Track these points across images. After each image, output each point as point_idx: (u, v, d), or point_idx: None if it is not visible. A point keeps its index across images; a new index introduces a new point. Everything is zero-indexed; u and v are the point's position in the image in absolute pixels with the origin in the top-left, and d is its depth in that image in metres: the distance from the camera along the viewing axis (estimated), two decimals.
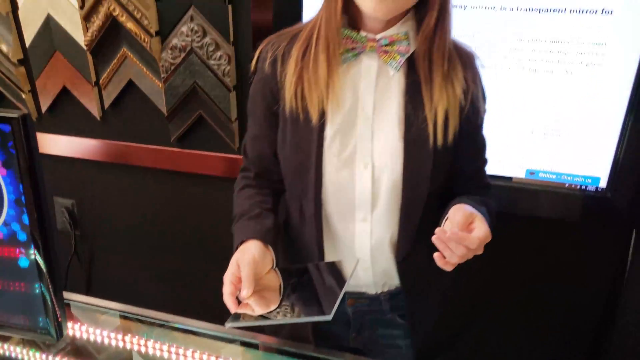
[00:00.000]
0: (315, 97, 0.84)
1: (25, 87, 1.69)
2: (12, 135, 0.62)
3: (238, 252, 0.84)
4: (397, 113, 0.86)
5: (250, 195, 0.97)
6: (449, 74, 0.83)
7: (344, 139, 0.87)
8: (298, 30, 0.90)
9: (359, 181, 0.88)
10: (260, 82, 0.92)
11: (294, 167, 0.91)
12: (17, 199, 0.66)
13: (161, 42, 1.48)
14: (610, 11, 1.13)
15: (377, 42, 0.83)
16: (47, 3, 1.54)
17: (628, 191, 1.25)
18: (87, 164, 1.78)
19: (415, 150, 0.85)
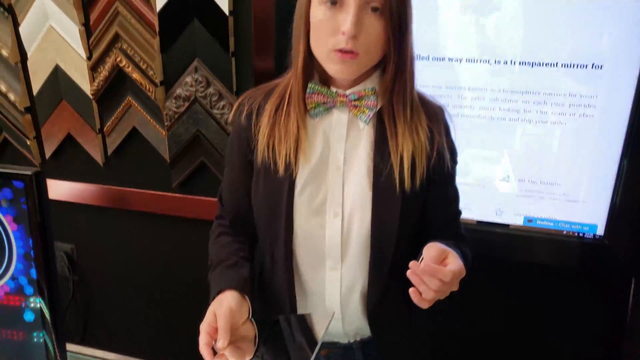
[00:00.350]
0: (283, 150, 0.88)
1: (30, 133, 1.72)
2: (24, 192, 0.63)
3: (215, 302, 0.86)
4: (366, 164, 0.89)
5: (226, 242, 1.00)
6: (413, 122, 0.88)
7: (314, 188, 0.90)
8: (274, 86, 0.96)
9: (328, 230, 0.90)
10: (237, 132, 0.96)
11: (265, 216, 0.94)
12: (26, 252, 0.67)
13: (165, 92, 1.52)
14: (600, 66, 1.18)
15: (347, 98, 0.88)
16: (55, 54, 1.59)
17: (626, 239, 1.27)
18: (88, 209, 1.79)
19: (383, 199, 0.88)
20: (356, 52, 0.80)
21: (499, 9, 1.21)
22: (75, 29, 1.53)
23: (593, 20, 1.16)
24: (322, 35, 0.81)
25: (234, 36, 1.42)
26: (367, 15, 0.79)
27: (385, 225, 0.88)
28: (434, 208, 0.94)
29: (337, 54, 0.80)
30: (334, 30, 0.80)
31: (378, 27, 0.79)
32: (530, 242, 1.34)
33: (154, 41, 1.47)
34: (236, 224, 1.02)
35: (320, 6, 0.81)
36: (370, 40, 0.80)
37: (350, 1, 0.78)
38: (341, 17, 0.79)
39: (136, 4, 1.45)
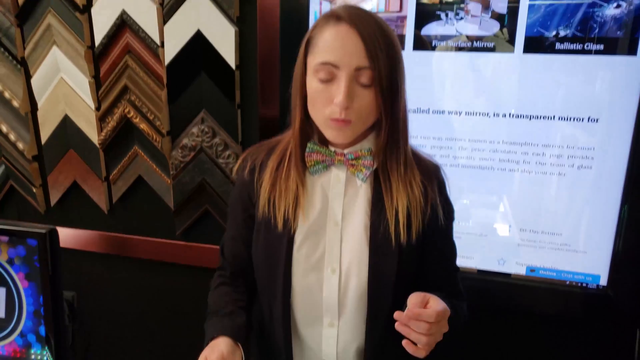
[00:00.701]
0: (283, 206, 0.91)
1: (36, 181, 1.75)
2: (37, 249, 0.65)
3: (207, 348, 0.86)
4: (363, 220, 0.91)
5: (225, 292, 1.01)
6: (407, 177, 0.91)
7: (313, 244, 0.92)
8: (276, 142, 0.99)
9: (326, 286, 0.91)
10: (240, 187, 1.00)
11: (264, 270, 0.95)
12: (36, 310, 0.68)
13: (172, 142, 1.56)
14: (595, 119, 1.22)
15: (345, 157, 0.91)
16: (65, 104, 1.63)
17: (630, 289, 1.27)
18: (91, 256, 1.79)
19: (380, 254, 0.89)
20: (349, 120, 0.84)
21: (496, 65, 1.25)
22: (86, 80, 1.58)
23: (588, 75, 1.20)
24: (317, 104, 0.86)
25: (240, 89, 1.46)
26: (358, 86, 0.83)
27: (382, 281, 0.89)
28: (430, 264, 0.96)
29: (332, 122, 0.85)
30: (328, 100, 0.84)
31: (368, 97, 0.84)
32: (532, 291, 1.34)
33: (162, 93, 1.51)
34: (237, 275, 1.04)
35: (314, 78, 0.85)
36: (362, 109, 0.84)
37: (341, 74, 0.82)
38: (334, 89, 0.83)
39: (145, 57, 1.50)
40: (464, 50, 1.26)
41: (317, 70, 0.84)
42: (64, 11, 1.52)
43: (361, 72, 0.82)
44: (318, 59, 0.84)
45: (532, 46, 1.21)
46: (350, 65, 0.81)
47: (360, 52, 0.81)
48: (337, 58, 0.82)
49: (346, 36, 0.81)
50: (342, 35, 0.82)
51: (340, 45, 0.81)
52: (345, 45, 0.81)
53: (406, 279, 0.92)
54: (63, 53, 1.57)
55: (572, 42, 1.19)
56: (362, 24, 0.81)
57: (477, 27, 1.23)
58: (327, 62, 0.82)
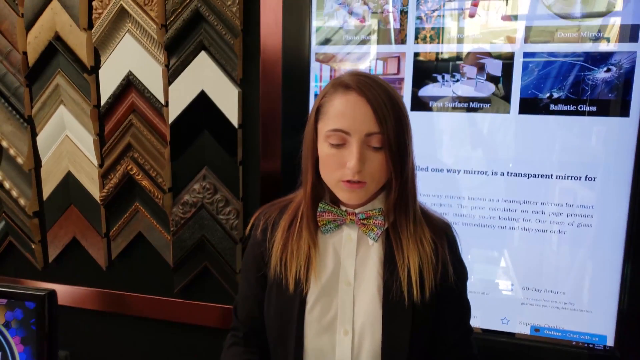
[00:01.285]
0: (294, 266, 0.92)
1: (36, 237, 1.74)
2: (35, 313, 0.64)
3: None
4: (376, 280, 0.91)
5: (237, 352, 1.00)
6: (417, 234, 0.91)
7: (325, 304, 0.91)
8: (288, 201, 1.01)
9: (339, 348, 0.90)
10: (253, 246, 1.00)
11: (276, 331, 0.94)
12: None
13: (173, 198, 1.57)
14: (593, 178, 1.23)
15: (356, 216, 0.93)
16: (68, 161, 1.65)
17: (638, 350, 1.24)
18: (88, 314, 1.76)
19: (393, 315, 0.88)
20: (363, 182, 0.87)
21: (493, 125, 1.28)
22: (90, 138, 1.60)
23: (583, 135, 1.23)
24: (329, 168, 0.88)
25: (242, 147, 1.49)
26: (369, 150, 0.86)
27: (396, 342, 0.88)
28: (444, 325, 0.94)
29: (345, 184, 0.87)
30: (339, 165, 0.87)
31: (379, 160, 0.87)
32: (538, 352, 1.31)
33: (165, 150, 1.54)
34: (250, 336, 1.02)
35: (326, 143, 0.88)
36: (374, 171, 0.87)
37: (353, 140, 0.85)
38: (346, 153, 0.86)
39: (150, 116, 1.53)
40: (460, 111, 1.29)
41: (329, 136, 0.87)
42: (72, 72, 1.57)
43: (371, 137, 0.85)
44: (329, 126, 0.87)
45: (527, 107, 1.24)
46: (361, 131, 0.84)
47: (370, 118, 0.84)
48: (348, 125, 0.85)
49: (356, 104, 0.85)
50: (352, 104, 0.85)
51: (351, 113, 0.85)
52: (355, 113, 0.85)
53: (421, 339, 0.90)
54: (69, 112, 1.61)
55: (565, 104, 1.22)
56: (370, 91, 0.85)
57: (473, 89, 1.27)
58: (339, 130, 0.85)
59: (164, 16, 1.46)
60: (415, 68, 1.30)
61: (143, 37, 1.49)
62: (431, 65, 1.29)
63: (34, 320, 0.64)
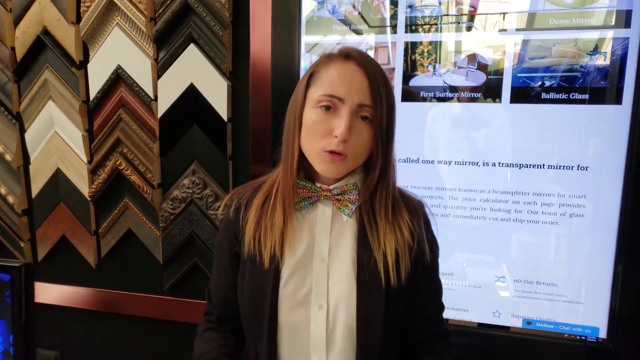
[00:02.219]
0: (269, 242, 0.91)
1: (25, 236, 1.72)
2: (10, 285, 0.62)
3: None
4: (350, 256, 0.91)
5: (211, 338, 1.00)
6: (395, 219, 0.91)
7: (299, 280, 0.90)
8: (261, 182, 1.00)
9: (313, 322, 0.89)
10: (225, 226, 0.99)
11: (250, 308, 0.93)
12: (6, 350, 0.65)
13: (162, 194, 1.55)
14: (585, 167, 1.22)
15: (330, 192, 0.92)
16: (57, 158, 1.63)
17: (631, 342, 1.22)
18: (77, 313, 1.73)
19: (367, 292, 0.88)
20: (345, 155, 0.86)
21: (484, 115, 1.27)
22: (79, 134, 1.59)
23: (575, 124, 1.21)
24: (314, 136, 0.87)
25: (231, 141, 1.47)
26: (358, 122, 0.86)
27: (370, 319, 0.87)
28: (418, 302, 0.95)
29: (327, 155, 0.86)
30: (326, 132, 0.85)
31: (366, 134, 0.87)
32: (530, 345, 1.29)
33: (154, 145, 1.52)
34: (224, 320, 1.02)
35: (314, 109, 0.87)
36: (358, 145, 0.86)
37: (344, 108, 0.84)
38: (335, 121, 0.85)
39: (139, 111, 1.52)
40: (451, 101, 1.28)
41: (320, 101, 0.86)
42: (61, 67, 1.56)
43: (362, 110, 0.85)
44: (322, 91, 0.86)
45: (518, 96, 1.23)
46: (354, 100, 0.84)
47: (365, 90, 0.85)
48: (344, 92, 0.85)
49: (354, 73, 0.85)
50: (350, 72, 0.86)
51: (348, 81, 0.85)
52: (352, 82, 0.85)
53: (396, 317, 0.91)
54: (58, 107, 1.59)
55: (557, 92, 1.21)
56: (368, 64, 0.86)
57: (464, 78, 1.26)
58: (333, 95, 0.85)
59: (152, 8, 1.45)
60: (405, 58, 1.29)
61: (132, 30, 1.47)
62: (422, 56, 1.28)
63: (8, 292, 0.63)
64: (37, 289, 1.74)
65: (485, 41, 1.24)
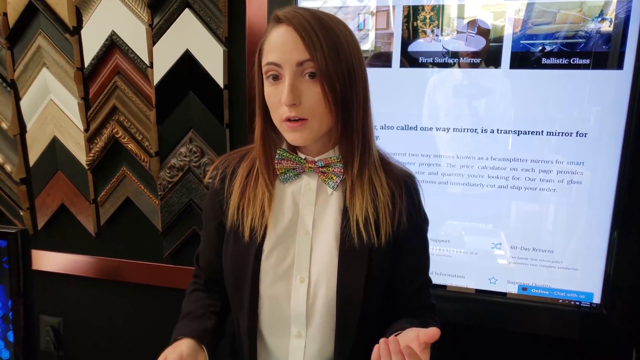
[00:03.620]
0: (250, 214, 0.90)
1: (24, 204, 1.72)
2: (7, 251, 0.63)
3: (169, 348, 0.86)
4: (334, 229, 0.90)
5: (198, 298, 1.00)
6: (371, 182, 0.89)
7: (282, 252, 0.90)
8: (247, 150, 0.99)
9: (294, 296, 0.89)
10: (211, 195, 0.99)
11: (232, 280, 0.93)
12: (5, 315, 0.65)
13: (160, 162, 1.54)
14: (584, 134, 1.21)
15: (315, 164, 0.90)
16: (54, 126, 1.62)
17: (624, 307, 1.24)
18: (78, 280, 1.75)
19: (349, 264, 0.87)
20: (304, 118, 0.83)
21: (483, 81, 1.26)
22: (75, 102, 1.57)
23: (575, 90, 1.20)
24: (271, 107, 0.86)
25: (228, 108, 1.46)
26: (305, 82, 0.82)
27: (351, 290, 0.87)
28: (401, 276, 0.94)
29: (287, 124, 0.84)
30: (278, 102, 0.83)
31: (316, 91, 0.82)
32: (526, 311, 1.31)
33: (151, 113, 1.51)
34: (211, 284, 1.03)
35: (267, 82, 0.85)
36: (312, 104, 0.83)
37: (284, 72, 0.82)
38: (281, 88, 0.82)
39: (134, 78, 1.50)
40: (450, 67, 1.26)
41: (265, 72, 0.84)
42: (54, 33, 1.53)
43: (304, 66, 0.81)
44: (264, 61, 0.84)
45: (518, 62, 1.21)
46: (290, 61, 0.81)
47: (299, 46, 0.81)
48: (278, 57, 0.82)
49: (285, 35, 0.82)
50: (282, 35, 0.82)
51: (280, 44, 0.82)
52: (284, 44, 0.82)
53: (376, 288, 0.90)
54: (52, 75, 1.57)
55: (558, 57, 1.19)
56: (297, 20, 0.81)
57: (463, 43, 1.24)
58: (271, 62, 0.83)
59: None
60: (404, 23, 1.27)
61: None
62: (421, 20, 1.25)
63: (6, 258, 0.63)
64: (38, 257, 1.75)
65: (488, 6, 1.21)
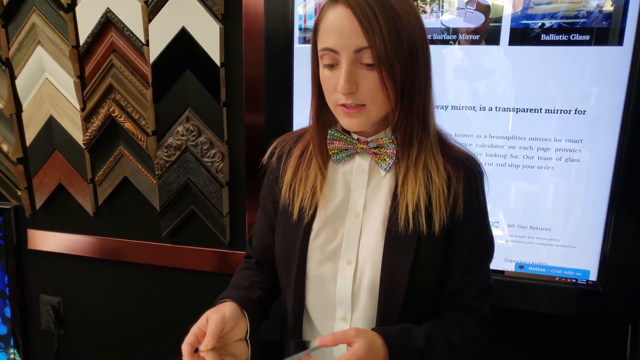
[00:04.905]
0: (301, 193, 0.90)
1: (21, 184, 1.72)
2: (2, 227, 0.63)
3: (211, 309, 0.85)
4: (383, 211, 0.87)
5: (246, 274, 1.00)
6: (426, 164, 0.85)
7: (330, 233, 0.89)
8: (304, 131, 0.98)
9: (340, 277, 0.88)
10: (268, 174, 1.00)
11: (282, 257, 0.94)
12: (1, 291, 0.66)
13: (157, 141, 1.54)
14: (583, 111, 1.20)
15: (367, 145, 0.88)
16: (50, 105, 1.61)
17: (620, 284, 1.25)
18: (77, 260, 1.76)
19: (395, 249, 0.85)
20: (361, 105, 0.81)
21: (481, 58, 1.25)
22: (71, 81, 1.56)
23: (574, 66, 1.19)
24: (327, 91, 0.84)
25: (225, 87, 1.45)
26: (362, 69, 0.79)
27: (394, 278, 0.84)
28: (449, 267, 0.89)
29: (342, 109, 0.82)
30: (334, 87, 0.81)
31: (374, 78, 0.79)
32: (524, 288, 1.31)
33: (147, 92, 1.50)
34: (262, 264, 1.03)
35: (322, 65, 0.83)
36: (370, 91, 0.80)
37: (342, 59, 0.79)
38: (337, 74, 0.80)
39: (130, 56, 1.49)
40: (448, 44, 1.25)
41: (322, 56, 0.82)
42: (49, 10, 1.51)
43: (363, 53, 0.77)
44: (321, 45, 0.81)
45: (517, 38, 1.20)
46: (348, 47, 0.78)
47: (357, 32, 0.76)
48: (335, 43, 0.79)
49: (342, 18, 0.77)
50: (338, 18, 0.78)
51: (337, 29, 0.78)
52: (341, 28, 0.77)
53: (422, 277, 0.86)
54: (48, 53, 1.56)
55: (557, 33, 1.18)
56: (356, 1, 0.76)
57: (462, 19, 1.22)
58: (327, 48, 0.80)
59: None
60: None
61: None
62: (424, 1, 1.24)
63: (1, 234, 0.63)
64: (36, 237, 1.76)
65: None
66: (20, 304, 0.68)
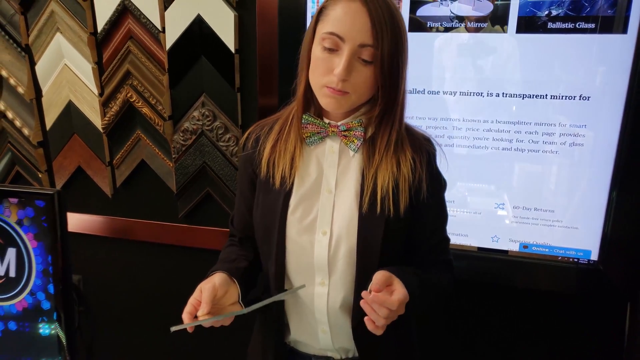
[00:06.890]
0: (281, 165, 0.98)
1: (42, 167, 1.78)
2: (45, 210, 0.68)
3: (203, 282, 0.93)
4: (355, 188, 0.96)
5: (232, 250, 1.09)
6: (396, 155, 0.95)
7: (307, 207, 0.97)
8: (278, 117, 1.05)
9: (317, 245, 0.96)
10: (244, 157, 1.06)
11: (262, 230, 1.01)
12: (45, 269, 0.71)
13: (173, 125, 1.59)
14: (587, 97, 1.24)
15: (338, 128, 0.96)
16: (69, 90, 1.66)
17: (620, 264, 1.30)
18: (96, 240, 1.83)
19: (368, 222, 0.94)
20: (346, 92, 0.89)
21: (490, 46, 1.28)
22: (89, 67, 1.61)
23: (579, 54, 1.22)
24: (318, 71, 0.90)
25: (239, 73, 1.49)
26: (358, 62, 0.88)
27: (369, 246, 0.94)
28: (417, 235, 1.00)
29: (328, 90, 0.89)
30: (328, 70, 0.88)
31: (367, 74, 0.88)
32: (528, 268, 1.37)
33: (164, 78, 1.54)
34: (245, 241, 1.11)
35: (319, 45, 0.89)
36: (358, 83, 0.89)
37: (345, 47, 0.86)
38: (336, 60, 0.87)
39: (147, 42, 1.53)
40: (458, 31, 1.29)
41: (324, 38, 0.88)
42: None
43: (364, 49, 0.86)
44: (326, 28, 0.88)
45: (524, 26, 1.24)
46: (355, 40, 0.86)
47: (367, 30, 0.85)
48: (345, 31, 0.86)
49: (356, 13, 0.85)
50: (353, 11, 0.86)
51: (350, 20, 0.86)
52: (354, 21, 0.85)
53: (393, 246, 0.97)
54: (66, 39, 1.60)
55: (564, 22, 1.21)
56: (373, 4, 0.85)
57: (471, 7, 1.26)
58: (334, 33, 0.86)
59: None
60: None
61: None
62: None
63: (44, 217, 0.69)
64: None
65: None
66: (62, 282, 0.74)
